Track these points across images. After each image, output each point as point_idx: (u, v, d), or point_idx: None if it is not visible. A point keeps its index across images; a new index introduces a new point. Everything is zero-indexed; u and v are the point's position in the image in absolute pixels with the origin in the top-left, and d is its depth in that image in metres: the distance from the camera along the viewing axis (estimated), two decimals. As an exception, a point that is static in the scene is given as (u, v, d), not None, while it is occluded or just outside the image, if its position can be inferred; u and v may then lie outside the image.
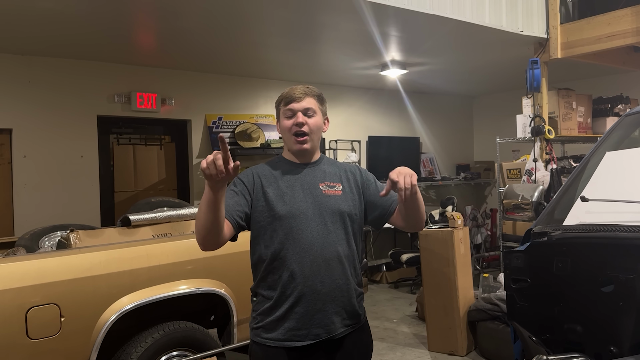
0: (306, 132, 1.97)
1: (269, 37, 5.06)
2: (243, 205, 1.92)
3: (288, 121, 1.98)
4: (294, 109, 1.97)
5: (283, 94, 2.02)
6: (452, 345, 4.51)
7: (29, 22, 4.29)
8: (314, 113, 1.99)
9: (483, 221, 8.23)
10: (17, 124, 5.33)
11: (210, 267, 3.19)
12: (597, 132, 5.78)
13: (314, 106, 1.99)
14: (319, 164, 2.07)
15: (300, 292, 1.89)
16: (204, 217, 1.74)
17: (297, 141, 1.98)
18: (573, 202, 2.42)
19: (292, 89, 2.00)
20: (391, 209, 2.05)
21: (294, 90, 1.99)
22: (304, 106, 1.97)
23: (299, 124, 1.96)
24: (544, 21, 5.29)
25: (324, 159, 2.11)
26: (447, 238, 4.55)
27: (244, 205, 1.93)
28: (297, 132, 1.97)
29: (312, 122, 1.98)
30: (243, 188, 1.95)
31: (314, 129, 1.99)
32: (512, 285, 2.39)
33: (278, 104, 2.04)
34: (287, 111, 1.98)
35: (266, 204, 1.93)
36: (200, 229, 1.78)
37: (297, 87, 2.01)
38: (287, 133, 2.00)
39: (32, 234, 3.66)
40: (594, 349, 2.04)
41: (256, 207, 1.94)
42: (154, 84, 6.11)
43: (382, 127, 8.21)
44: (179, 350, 3.07)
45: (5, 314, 2.50)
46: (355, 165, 2.19)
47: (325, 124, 2.07)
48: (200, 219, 1.76)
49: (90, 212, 5.67)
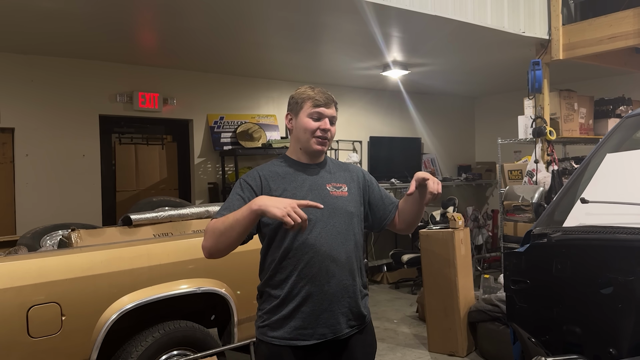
0: (328, 138, 2.02)
1: (271, 37, 5.07)
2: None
3: (314, 123, 1.99)
4: (324, 114, 2.00)
5: (309, 93, 2.02)
6: (452, 346, 4.51)
7: (32, 21, 4.30)
8: (335, 121, 2.06)
9: (484, 222, 8.23)
10: (19, 123, 5.34)
11: (211, 266, 3.19)
12: (598, 133, 5.78)
13: (336, 115, 2.06)
14: (325, 165, 2.09)
15: (308, 292, 1.91)
16: (235, 236, 1.81)
17: (317, 142, 2.00)
18: (573, 203, 2.42)
19: (319, 92, 2.02)
20: (392, 214, 2.15)
21: (323, 95, 2.01)
22: (332, 114, 2.02)
23: (326, 130, 2.00)
24: (546, 22, 5.29)
25: (328, 160, 2.13)
26: (447, 239, 4.55)
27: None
28: (319, 136, 2.00)
29: (333, 130, 2.05)
30: (250, 193, 1.94)
31: (333, 137, 2.06)
32: (511, 286, 2.39)
33: (302, 102, 2.01)
34: (315, 113, 1.99)
35: None
36: (220, 243, 1.84)
37: (323, 91, 2.03)
38: (307, 133, 2.00)
39: (33, 232, 3.66)
40: (593, 350, 2.04)
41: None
42: (156, 84, 6.12)
43: (384, 127, 8.21)
44: (179, 350, 3.08)
45: (6, 312, 2.51)
46: (358, 166, 2.21)
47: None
48: (226, 235, 1.81)
49: (91, 211, 5.68)
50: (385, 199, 2.17)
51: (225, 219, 1.82)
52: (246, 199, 1.92)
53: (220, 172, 6.60)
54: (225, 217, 1.83)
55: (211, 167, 6.60)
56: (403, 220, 2.14)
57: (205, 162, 6.55)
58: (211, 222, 1.88)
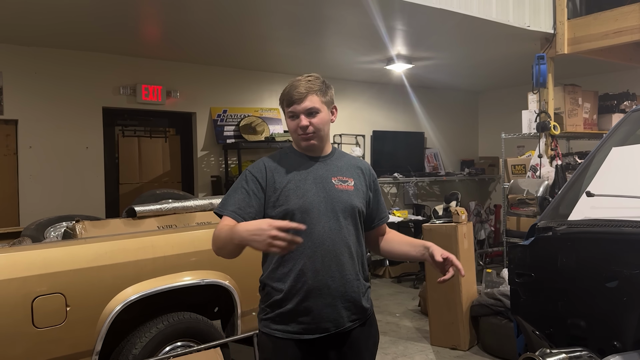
0: (311, 132, 1.94)
1: (275, 30, 5.06)
2: (256, 206, 1.90)
3: (292, 122, 1.95)
4: (296, 111, 1.92)
5: (284, 92, 1.96)
6: (454, 340, 4.52)
7: (36, 13, 4.30)
8: (318, 110, 1.93)
9: (487, 217, 8.23)
10: (23, 115, 5.35)
11: (215, 258, 3.15)
12: (602, 128, 5.77)
13: (316, 103, 1.92)
14: (331, 158, 2.04)
15: (311, 287, 1.89)
16: (232, 250, 1.82)
17: (303, 139, 1.95)
18: (578, 197, 2.41)
19: (292, 87, 1.94)
20: (373, 225, 2.14)
21: (295, 90, 1.92)
22: (306, 107, 1.91)
23: (303, 127, 1.92)
24: (551, 16, 5.27)
25: (337, 153, 2.08)
26: (450, 233, 4.55)
27: (257, 205, 1.91)
28: (300, 133, 1.94)
29: (316, 121, 1.93)
30: (256, 186, 1.92)
31: (320, 127, 1.94)
32: (516, 279, 2.39)
33: (281, 103, 1.99)
34: (289, 112, 1.94)
35: (278, 197, 1.92)
36: (220, 251, 1.87)
37: (297, 85, 1.93)
38: (293, 133, 1.98)
39: (37, 224, 3.67)
40: (597, 343, 2.04)
41: (268, 202, 1.93)
42: (160, 76, 6.12)
43: (387, 121, 8.20)
44: (183, 341, 3.09)
45: (11, 302, 2.52)
46: (366, 162, 2.17)
47: (333, 113, 2.02)
48: (224, 248, 1.83)
49: (94, 203, 5.69)
50: (380, 211, 2.15)
51: (222, 231, 1.82)
52: (250, 192, 1.91)
53: (223, 166, 6.61)
54: (223, 228, 1.83)
55: (214, 160, 6.60)
56: (389, 251, 2.18)
57: (209, 155, 6.55)
58: (217, 227, 1.87)
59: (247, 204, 1.89)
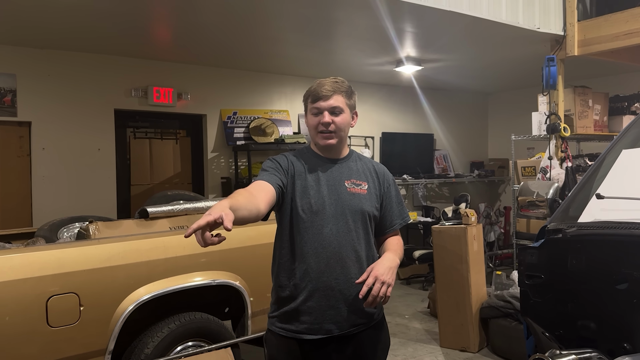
0: (332, 131, 1.95)
1: (284, 32, 5.09)
2: (280, 176, 1.91)
3: (314, 118, 1.96)
4: (321, 107, 1.94)
5: (311, 89, 1.98)
6: (464, 342, 4.51)
7: (49, 16, 4.36)
8: (342, 110, 1.95)
9: (496, 219, 8.20)
10: (36, 117, 5.42)
11: (226, 259, 3.23)
12: (613, 130, 5.74)
13: (341, 104, 1.95)
14: (347, 161, 2.05)
15: (314, 287, 1.91)
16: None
17: (322, 137, 1.96)
18: (588, 199, 2.42)
19: (320, 85, 1.96)
20: (387, 232, 2.09)
21: (322, 87, 1.94)
22: (331, 105, 1.93)
23: (325, 123, 1.93)
24: (561, 18, 5.25)
25: (353, 155, 2.09)
26: (460, 235, 4.55)
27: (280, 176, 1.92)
28: (322, 130, 1.95)
29: (338, 121, 1.95)
30: (276, 166, 1.94)
31: (341, 127, 1.96)
32: (526, 281, 2.40)
33: (305, 99, 2.00)
34: (314, 109, 1.95)
35: (292, 195, 1.94)
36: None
37: (325, 83, 1.96)
38: (312, 130, 1.99)
39: (51, 225, 3.72)
40: (607, 345, 2.04)
41: (287, 192, 1.94)
42: (171, 79, 6.17)
43: (396, 123, 8.20)
44: (194, 341, 3.12)
45: (26, 302, 2.56)
46: (383, 166, 2.14)
47: (353, 118, 2.03)
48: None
49: (106, 204, 5.75)
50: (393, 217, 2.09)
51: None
52: (270, 170, 1.92)
53: (233, 167, 6.65)
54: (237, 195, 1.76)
55: (224, 161, 6.64)
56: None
57: (219, 157, 6.59)
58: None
59: (273, 177, 1.90)
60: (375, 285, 1.76)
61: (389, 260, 1.89)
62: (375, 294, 1.75)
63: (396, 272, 1.88)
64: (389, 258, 1.90)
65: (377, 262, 1.87)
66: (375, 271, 1.79)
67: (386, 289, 1.77)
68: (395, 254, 1.96)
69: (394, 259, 1.92)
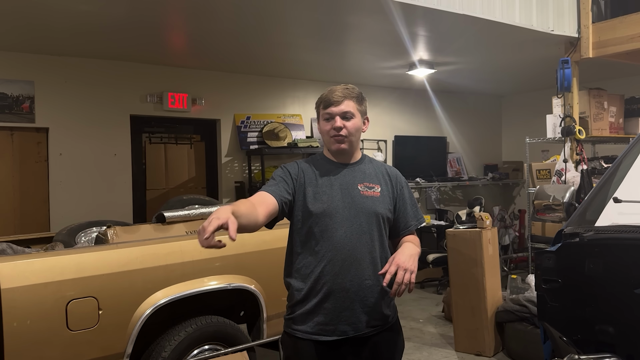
0: (344, 135, 2.00)
1: (297, 37, 5.12)
2: (286, 188, 1.97)
3: (327, 124, 2.02)
4: (332, 112, 1.99)
5: (322, 96, 2.04)
6: (479, 346, 4.49)
7: (67, 23, 4.43)
8: (353, 115, 2.01)
9: (511, 222, 8.15)
10: (53, 123, 5.50)
11: (241, 263, 3.25)
12: (629, 132, 5.69)
13: (352, 109, 2.00)
14: (360, 164, 2.10)
15: (329, 289, 1.94)
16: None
17: (334, 141, 2.01)
18: (605, 203, 2.41)
19: (331, 91, 2.02)
20: (402, 233, 2.11)
21: (333, 93, 2.00)
22: (342, 110, 1.99)
23: (337, 128, 1.99)
24: (575, 20, 5.22)
25: (366, 159, 2.14)
26: (475, 238, 4.54)
27: (287, 188, 1.97)
28: (334, 135, 2.00)
29: (350, 125, 2.00)
30: (286, 177, 1.99)
31: (352, 132, 2.01)
32: (543, 285, 2.39)
33: (317, 106, 2.07)
34: (326, 114, 2.01)
35: (304, 200, 1.98)
36: None
37: (336, 89, 2.02)
38: (325, 135, 2.04)
39: (68, 229, 3.77)
40: (626, 350, 2.03)
41: (297, 200, 2.00)
42: (185, 85, 6.23)
43: (409, 126, 8.20)
44: (211, 344, 3.15)
45: (47, 306, 2.60)
46: (395, 169, 2.19)
47: (365, 123, 2.08)
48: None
49: (122, 209, 5.81)
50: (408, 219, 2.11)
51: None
52: (279, 180, 1.97)
53: (247, 171, 6.68)
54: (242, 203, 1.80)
55: (238, 166, 6.68)
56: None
57: (232, 161, 6.64)
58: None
59: (278, 188, 1.95)
60: (399, 272, 1.79)
61: (409, 248, 1.93)
62: (400, 281, 1.78)
63: (417, 260, 1.91)
64: (408, 247, 1.95)
65: (397, 252, 1.90)
66: (397, 260, 1.83)
67: (410, 276, 1.80)
68: (414, 244, 2.01)
69: (414, 247, 1.97)
